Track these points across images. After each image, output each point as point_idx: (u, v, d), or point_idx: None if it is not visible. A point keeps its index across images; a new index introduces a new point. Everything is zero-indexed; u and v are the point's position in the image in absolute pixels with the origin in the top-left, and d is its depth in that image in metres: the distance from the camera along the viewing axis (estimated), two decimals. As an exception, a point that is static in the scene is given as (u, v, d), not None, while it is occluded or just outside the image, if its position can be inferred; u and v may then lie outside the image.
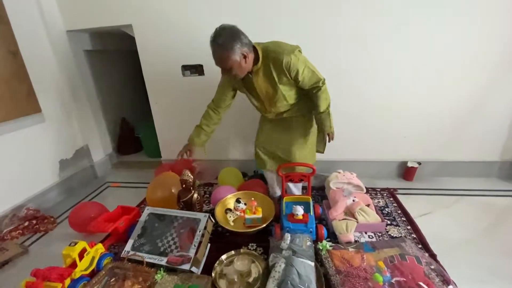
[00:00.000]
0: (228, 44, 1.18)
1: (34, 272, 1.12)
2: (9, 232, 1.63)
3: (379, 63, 1.81)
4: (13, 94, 1.75)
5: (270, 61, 1.29)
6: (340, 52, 1.82)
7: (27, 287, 1.07)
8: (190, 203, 1.53)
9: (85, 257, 1.23)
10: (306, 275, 1.05)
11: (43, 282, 1.08)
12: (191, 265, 1.19)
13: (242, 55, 1.22)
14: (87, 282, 1.18)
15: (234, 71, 1.26)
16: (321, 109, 1.40)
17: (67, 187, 2.12)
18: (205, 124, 1.55)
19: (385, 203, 1.75)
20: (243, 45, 1.21)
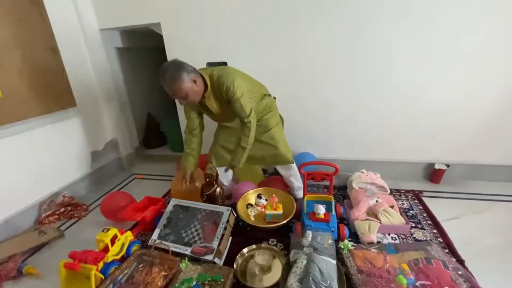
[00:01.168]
0: (176, 75, 1.27)
1: (71, 254, 1.21)
2: (46, 216, 1.76)
3: (407, 60, 1.75)
4: (52, 89, 1.87)
5: (217, 86, 1.39)
6: (367, 51, 1.78)
7: (66, 267, 1.16)
8: (213, 196, 1.58)
9: (116, 243, 1.31)
10: (328, 273, 1.05)
11: (79, 263, 1.16)
12: (214, 256, 1.23)
13: (192, 80, 1.31)
14: (118, 266, 1.26)
15: (190, 98, 1.34)
16: (241, 143, 1.46)
17: (97, 177, 2.26)
18: (188, 149, 1.61)
19: (410, 205, 1.70)
20: (189, 72, 1.31)
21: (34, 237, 1.58)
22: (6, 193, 1.62)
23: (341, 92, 1.92)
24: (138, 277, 1.20)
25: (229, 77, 1.36)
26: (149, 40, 2.72)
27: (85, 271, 1.16)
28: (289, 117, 2.06)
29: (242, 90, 1.38)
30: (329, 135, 2.06)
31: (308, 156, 2.01)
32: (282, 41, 1.88)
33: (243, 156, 1.48)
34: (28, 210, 1.74)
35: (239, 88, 1.36)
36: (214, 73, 1.39)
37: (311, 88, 1.96)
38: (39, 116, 1.79)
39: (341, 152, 2.06)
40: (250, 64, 1.98)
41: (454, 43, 1.66)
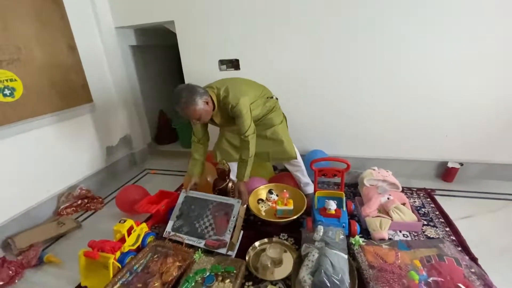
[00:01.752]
0: (190, 100, 1.32)
1: (90, 243, 1.26)
2: (65, 208, 1.83)
3: (420, 58, 1.73)
4: (70, 85, 1.94)
5: (223, 105, 1.45)
6: (379, 49, 1.77)
7: (85, 255, 1.21)
8: (225, 191, 1.61)
9: (132, 234, 1.36)
10: (340, 267, 1.07)
11: (98, 252, 1.21)
12: (227, 249, 1.26)
13: (204, 102, 1.37)
14: (134, 256, 1.31)
15: (203, 118, 1.40)
16: (243, 156, 1.52)
17: (111, 171, 2.32)
18: (198, 155, 1.66)
19: (422, 203, 1.69)
20: (202, 95, 1.36)
21: (53, 227, 1.65)
22: (27, 185, 1.69)
23: (353, 90, 1.92)
24: (153, 267, 1.24)
25: (234, 98, 1.41)
26: (162, 38, 2.77)
27: (103, 260, 1.21)
28: (301, 114, 2.08)
29: (246, 107, 1.43)
30: (340, 132, 2.06)
31: (320, 153, 2.02)
32: (292, 38, 1.89)
33: (247, 169, 1.53)
34: (47, 201, 1.81)
35: (244, 107, 1.42)
36: (221, 92, 1.44)
37: (323, 86, 1.97)
38: (58, 111, 1.85)
39: (352, 150, 2.06)
40: (261, 61, 2.00)
41: (469, 42, 1.63)
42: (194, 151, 1.66)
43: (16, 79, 1.58)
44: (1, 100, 1.52)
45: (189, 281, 1.14)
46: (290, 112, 2.06)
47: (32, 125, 1.69)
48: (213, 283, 1.14)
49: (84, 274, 1.23)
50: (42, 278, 1.32)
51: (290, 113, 2.06)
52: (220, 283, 1.14)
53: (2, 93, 1.52)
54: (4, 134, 1.55)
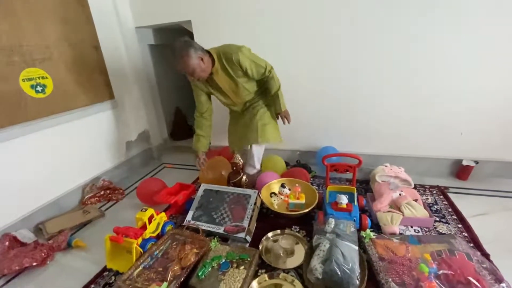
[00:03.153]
0: (183, 51, 1.41)
1: (115, 229, 1.35)
2: (89, 198, 1.95)
3: (436, 56, 1.73)
4: (94, 83, 2.05)
5: (224, 60, 1.53)
6: (393, 46, 1.78)
7: (111, 240, 1.31)
8: (239, 184, 1.67)
9: (153, 222, 1.44)
10: (350, 257, 1.11)
11: (123, 237, 1.30)
12: (246, 234, 1.33)
13: (199, 57, 1.43)
14: (154, 243, 1.39)
15: (197, 74, 1.47)
16: (272, 92, 1.70)
17: (131, 165, 2.44)
18: (200, 131, 1.79)
19: (434, 200, 1.70)
20: (197, 50, 1.43)
21: (80, 215, 1.77)
22: (55, 176, 1.81)
23: (366, 87, 1.94)
24: (172, 253, 1.32)
25: (233, 49, 1.50)
26: (180, 37, 2.86)
27: (127, 244, 1.30)
28: (312, 111, 2.12)
29: (249, 53, 1.54)
30: (352, 129, 2.08)
31: (331, 149, 2.05)
32: (306, 35, 1.92)
33: (281, 99, 1.71)
34: (73, 191, 1.93)
35: (246, 52, 1.51)
36: (221, 50, 1.54)
37: (336, 83, 1.99)
38: (83, 107, 1.97)
39: (364, 147, 2.08)
40: (274, 59, 2.03)
41: (486, 41, 1.62)
42: (197, 126, 1.78)
43: (47, 76, 1.70)
44: (34, 96, 1.64)
45: (206, 266, 1.21)
46: (301, 108, 2.11)
47: (60, 120, 1.82)
48: (228, 269, 1.21)
49: (109, 257, 1.33)
50: (70, 261, 1.43)
51: (302, 109, 2.11)
52: (235, 269, 1.20)
53: (35, 90, 1.64)
54: (36, 128, 1.67)
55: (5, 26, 1.50)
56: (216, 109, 1.97)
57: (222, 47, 1.57)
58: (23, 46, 1.58)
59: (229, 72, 1.56)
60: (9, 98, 1.53)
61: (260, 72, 1.60)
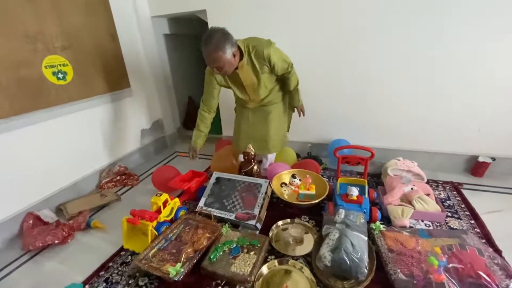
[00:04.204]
0: (220, 45, 1.33)
1: (132, 211, 1.41)
2: (106, 182, 2.03)
3: (453, 48, 1.68)
4: (111, 71, 2.10)
5: (253, 55, 1.47)
6: (412, 38, 1.74)
7: (128, 221, 1.37)
8: (250, 173, 1.70)
9: (167, 206, 1.50)
10: (359, 246, 1.12)
11: (139, 219, 1.36)
12: (256, 221, 1.37)
13: (233, 54, 1.38)
14: (168, 226, 1.45)
15: (225, 69, 1.41)
16: (291, 87, 1.70)
17: (145, 152, 2.51)
18: (203, 126, 1.75)
19: (447, 196, 1.68)
20: (233, 45, 1.37)
21: (97, 198, 1.85)
22: (74, 161, 1.89)
23: (381, 80, 1.91)
24: (185, 237, 1.38)
25: (264, 43, 1.47)
26: (193, 27, 2.88)
27: (143, 226, 1.36)
28: (325, 103, 2.11)
29: (277, 49, 1.51)
30: (365, 122, 2.06)
31: (343, 142, 2.04)
32: (322, 25, 1.90)
33: (299, 94, 1.75)
34: (91, 176, 2.01)
35: (276, 49, 1.49)
36: (250, 43, 1.48)
37: (350, 75, 1.97)
38: (100, 95, 2.03)
39: (377, 140, 2.06)
40: (289, 49, 2.02)
41: (507, 35, 1.56)
42: (201, 122, 1.73)
43: (68, 64, 1.76)
44: (55, 82, 1.70)
45: (217, 250, 1.25)
46: (314, 100, 2.10)
47: (79, 107, 1.88)
48: (239, 253, 1.25)
49: (126, 238, 1.39)
50: (89, 240, 1.51)
51: (315, 101, 2.10)
52: (245, 254, 1.24)
53: (56, 77, 1.70)
54: (57, 113, 1.74)
55: (30, 14, 1.55)
56: (229, 99, 1.99)
57: (250, 40, 1.50)
58: (46, 34, 1.63)
59: (255, 67, 1.50)
60: (33, 84, 1.59)
61: (284, 68, 1.57)
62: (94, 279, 1.23)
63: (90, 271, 1.27)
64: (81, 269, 1.30)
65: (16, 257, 1.40)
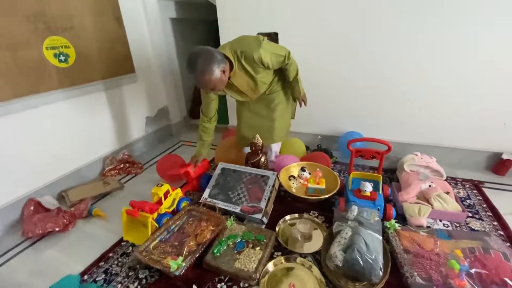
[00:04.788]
0: (207, 69, 1.23)
1: (131, 202, 1.35)
2: (109, 170, 1.98)
3: (477, 33, 1.54)
4: (115, 55, 2.03)
5: (243, 60, 1.36)
6: (433, 27, 1.60)
7: (127, 213, 1.31)
8: (257, 165, 1.62)
9: (168, 197, 1.44)
10: (374, 246, 1.04)
11: (138, 211, 1.30)
12: (262, 215, 1.30)
13: (221, 71, 1.28)
14: (170, 218, 1.39)
15: (217, 88, 1.33)
16: (291, 78, 1.60)
17: (150, 140, 2.45)
18: (206, 136, 1.69)
19: (467, 194, 1.57)
20: (220, 62, 1.26)
21: (100, 186, 1.80)
22: (77, 147, 1.84)
23: (398, 71, 1.78)
24: (188, 229, 1.32)
25: (252, 45, 1.34)
26: (201, 11, 2.76)
27: (142, 218, 1.30)
28: (339, 93, 1.99)
29: (268, 45, 1.38)
30: (379, 114, 1.95)
31: (356, 135, 1.94)
32: (334, 13, 1.77)
33: (300, 86, 1.65)
34: (95, 163, 1.97)
35: (266, 46, 1.36)
36: (237, 48, 1.35)
37: (365, 65, 1.85)
38: (104, 79, 1.96)
39: (392, 134, 1.94)
40: (301, 37, 1.92)
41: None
42: (203, 133, 1.67)
43: (70, 46, 1.69)
44: (57, 65, 1.64)
45: (221, 244, 1.19)
46: (326, 90, 2.00)
47: (82, 91, 1.82)
48: (244, 248, 1.18)
49: (125, 229, 1.34)
50: (90, 228, 1.47)
51: (326, 91, 2.00)
52: (250, 250, 1.18)
53: (58, 59, 1.63)
54: (59, 97, 1.68)
55: (29, -8, 1.47)
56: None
57: (237, 44, 1.38)
58: (47, 14, 1.56)
59: (248, 71, 1.41)
60: (34, 66, 1.53)
61: (279, 61, 1.45)
62: (94, 269, 1.19)
63: (89, 261, 1.23)
64: (81, 258, 1.25)
65: (15, 243, 1.37)
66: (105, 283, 1.12)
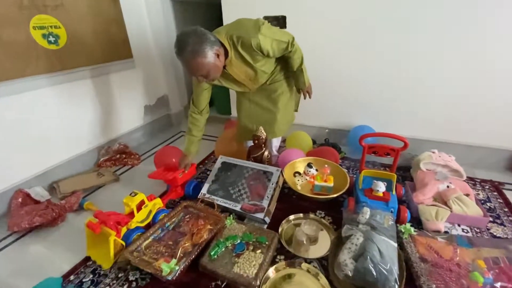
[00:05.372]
0: (198, 50, 1.07)
1: (96, 214, 1.14)
2: (104, 161, 1.88)
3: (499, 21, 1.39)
4: (111, 38, 1.90)
5: (240, 47, 1.20)
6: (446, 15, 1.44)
7: (88, 226, 1.10)
8: (260, 159, 1.51)
9: (143, 209, 1.23)
10: (388, 255, 0.93)
11: (100, 226, 1.08)
12: (264, 214, 1.20)
13: (215, 55, 1.12)
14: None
15: (211, 75, 1.17)
16: (295, 68, 1.42)
17: (148, 130, 2.34)
18: (195, 130, 1.48)
19: (487, 196, 1.45)
20: (213, 44, 1.11)
21: (94, 177, 1.71)
22: (70, 135, 1.74)
23: (413, 58, 1.64)
24: (185, 227, 1.22)
25: (250, 31, 1.17)
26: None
27: (104, 235, 1.09)
28: (348, 84, 1.86)
29: (269, 30, 1.21)
30: (392, 107, 1.81)
31: (367, 129, 1.80)
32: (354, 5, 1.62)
33: (306, 75, 1.48)
34: (89, 153, 1.87)
35: (266, 32, 1.18)
36: (233, 33, 1.18)
37: (377, 54, 1.70)
38: (99, 64, 1.84)
39: (405, 129, 1.81)
40: (312, 22, 1.77)
41: None
42: (192, 125, 1.47)
43: (60, 26, 1.56)
44: (46, 47, 1.52)
45: (219, 246, 1.09)
46: (335, 80, 1.87)
47: (74, 76, 1.70)
48: (243, 251, 1.08)
49: (89, 244, 1.15)
50: (81, 223, 1.36)
51: (335, 82, 1.87)
52: (250, 253, 1.08)
53: (47, 40, 1.51)
54: (49, 82, 1.57)
55: (13, -36, 1.34)
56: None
57: (233, 28, 1.21)
58: (34, -11, 1.43)
59: (246, 59, 1.25)
60: (20, 47, 1.41)
61: (282, 48, 1.27)
62: (81, 269, 1.10)
63: (77, 259, 1.14)
64: (68, 256, 1.17)
65: (0, 237, 1.29)
66: (92, 284, 1.04)
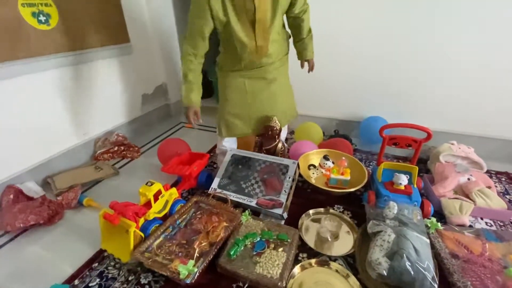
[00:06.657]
0: None
1: (112, 204, 1.06)
2: (101, 153, 1.76)
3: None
4: (106, 20, 1.75)
5: None
6: None
7: (105, 218, 1.02)
8: (273, 152, 1.43)
9: (160, 199, 1.15)
10: (424, 253, 0.88)
11: (119, 217, 1.01)
12: (283, 210, 1.12)
13: None
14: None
15: None
16: (305, 33, 1.32)
17: (147, 121, 2.21)
18: (192, 75, 1.23)
19: (504, 189, 1.42)
20: None
21: (91, 171, 1.59)
22: (63, 125, 1.61)
23: (429, 47, 1.57)
24: (197, 224, 1.13)
25: None
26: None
27: (124, 226, 1.01)
28: (360, 73, 1.79)
29: None
30: (406, 97, 1.75)
31: (380, 120, 1.74)
32: None
33: (313, 43, 1.37)
34: (85, 145, 1.74)
35: None
36: None
37: (393, 39, 1.63)
38: (94, 48, 1.69)
39: (420, 120, 1.73)
40: (326, 8, 1.67)
41: None
42: (188, 70, 1.21)
43: (51, 4, 1.41)
44: (37, 27, 1.37)
45: (238, 244, 1.01)
46: (345, 68, 1.80)
47: (68, 60, 1.56)
48: (264, 249, 1.01)
49: (104, 237, 1.07)
50: (81, 221, 1.27)
51: (346, 70, 1.81)
52: (272, 251, 1.01)
53: (37, 19, 1.36)
54: (41, 66, 1.43)
55: None
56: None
57: None
58: (21, -39, 1.27)
59: None
60: (8, 26, 1.26)
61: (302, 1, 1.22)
62: (86, 272, 1.00)
63: (81, 261, 1.04)
64: (70, 257, 1.07)
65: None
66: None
